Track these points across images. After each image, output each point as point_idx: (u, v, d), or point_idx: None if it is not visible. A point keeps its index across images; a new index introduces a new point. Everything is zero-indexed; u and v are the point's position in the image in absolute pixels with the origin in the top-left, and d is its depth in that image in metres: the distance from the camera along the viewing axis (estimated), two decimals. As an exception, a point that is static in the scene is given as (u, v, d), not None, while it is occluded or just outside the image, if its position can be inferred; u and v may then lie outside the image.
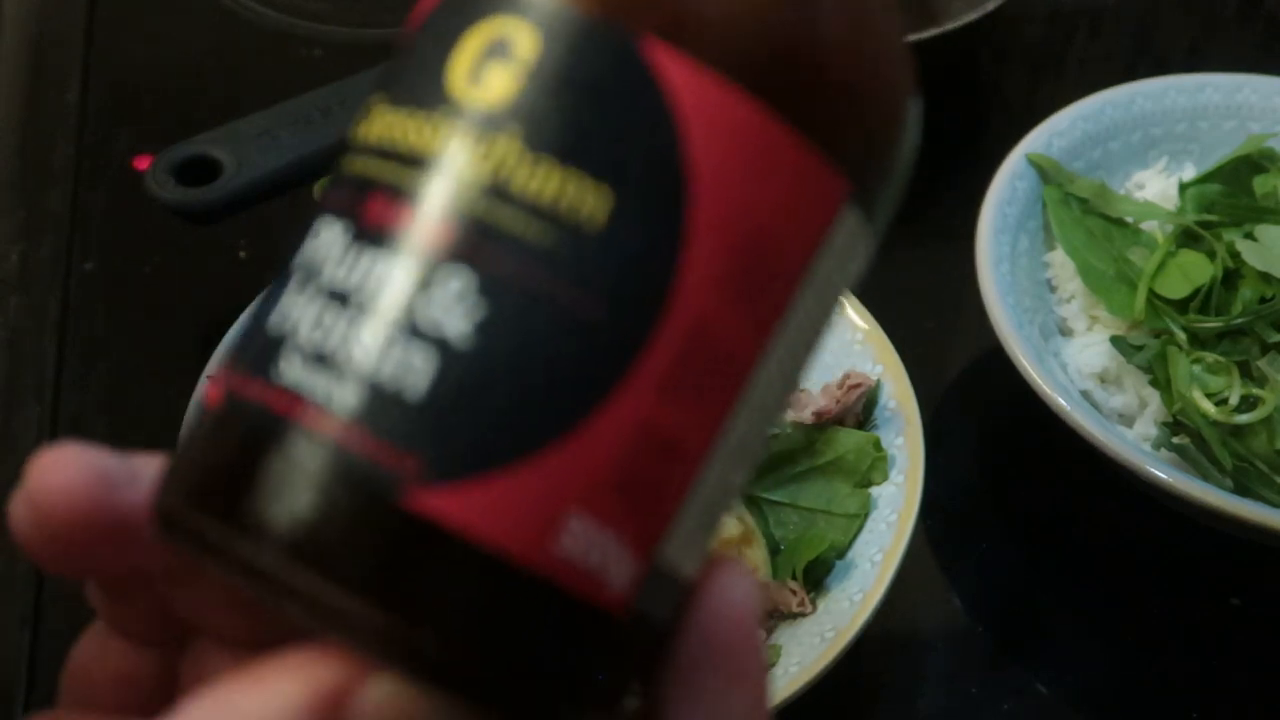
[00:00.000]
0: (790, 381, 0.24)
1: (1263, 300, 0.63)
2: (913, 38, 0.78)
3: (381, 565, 0.20)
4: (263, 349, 0.22)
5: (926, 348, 0.71)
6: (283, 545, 0.20)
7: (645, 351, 0.21)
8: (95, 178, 0.83)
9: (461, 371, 0.21)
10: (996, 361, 0.63)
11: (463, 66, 0.22)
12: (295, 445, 0.21)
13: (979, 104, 0.93)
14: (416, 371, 0.21)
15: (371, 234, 0.22)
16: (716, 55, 0.21)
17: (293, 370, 0.21)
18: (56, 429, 0.69)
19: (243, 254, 0.78)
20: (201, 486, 0.22)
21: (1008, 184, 0.69)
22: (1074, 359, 0.67)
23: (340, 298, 0.21)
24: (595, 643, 0.22)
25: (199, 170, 0.70)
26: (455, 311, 0.21)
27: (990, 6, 0.82)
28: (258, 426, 0.21)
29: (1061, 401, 0.59)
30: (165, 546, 0.23)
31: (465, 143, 0.21)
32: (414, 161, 0.22)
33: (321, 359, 0.21)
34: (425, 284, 0.21)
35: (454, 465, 0.20)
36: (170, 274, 0.78)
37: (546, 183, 0.21)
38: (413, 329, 0.21)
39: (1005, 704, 0.60)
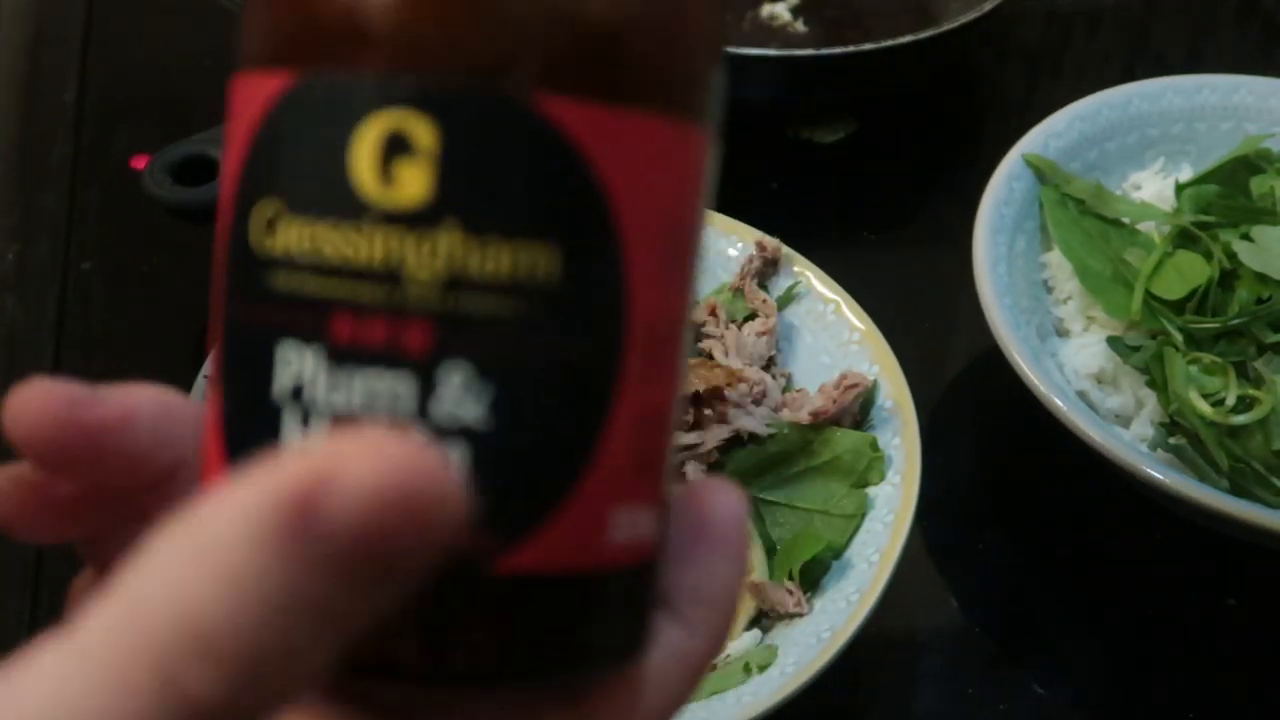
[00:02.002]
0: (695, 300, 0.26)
1: (1259, 301, 0.63)
2: (910, 38, 0.78)
3: (500, 631, 0.23)
4: None
5: (923, 348, 0.71)
6: (409, 667, 0.22)
7: (624, 359, 0.23)
8: (92, 177, 0.83)
9: (494, 447, 0.22)
10: (993, 362, 0.63)
11: (367, 168, 0.22)
12: None
13: (976, 104, 0.93)
14: (455, 465, 0.22)
15: (352, 354, 0.22)
16: (590, 87, 0.23)
17: None
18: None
19: (240, 253, 0.78)
20: None
21: (1005, 185, 0.69)
22: (1071, 359, 0.67)
23: (352, 421, 0.22)
24: (653, 583, 0.26)
25: (196, 169, 0.70)
26: (466, 402, 0.22)
27: (987, 7, 0.82)
28: None
29: (1058, 402, 0.60)
30: None
31: (409, 245, 0.22)
32: (362, 274, 0.22)
33: None
34: (429, 387, 0.22)
35: (520, 525, 0.23)
36: (167, 273, 0.78)
37: (500, 261, 0.22)
38: (436, 430, 0.22)
39: (1002, 704, 0.60)
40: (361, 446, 0.19)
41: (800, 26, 0.92)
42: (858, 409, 0.61)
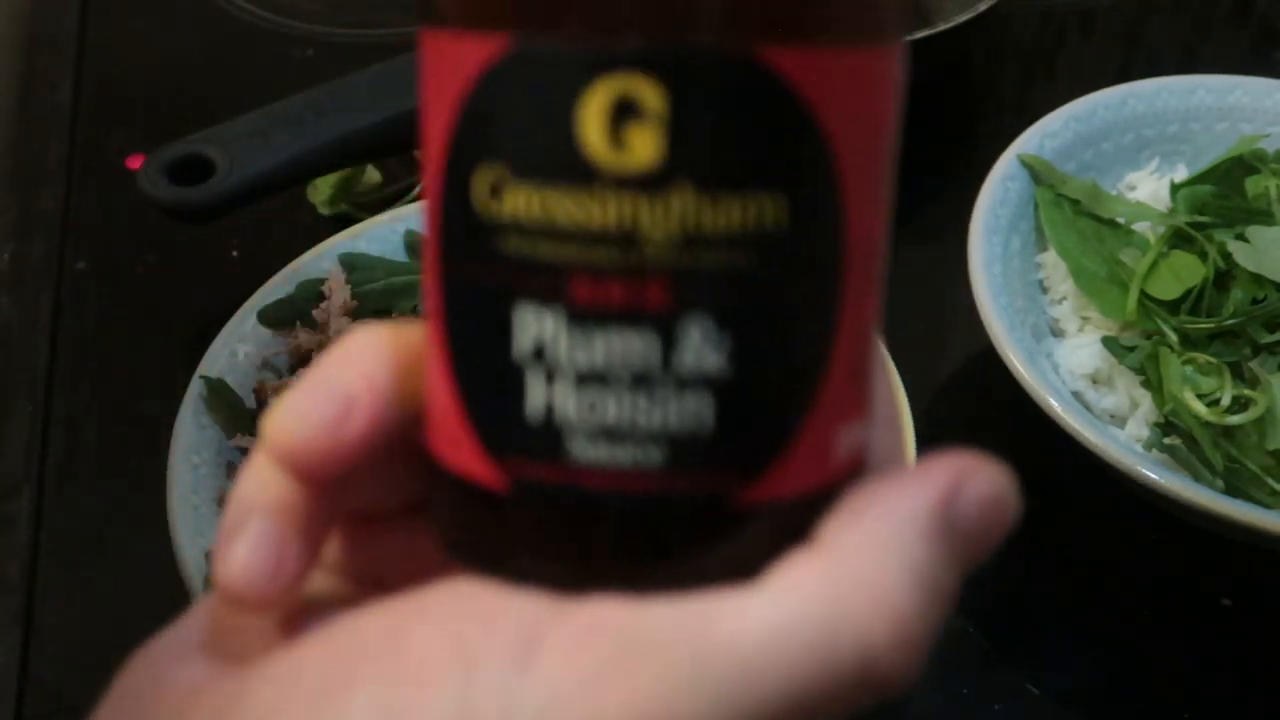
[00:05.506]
0: None
1: (1254, 301, 0.63)
2: (906, 38, 0.78)
3: (745, 558, 0.24)
4: (540, 437, 0.24)
5: (918, 348, 0.71)
6: (655, 580, 0.23)
7: (845, 285, 0.24)
8: (87, 177, 0.83)
9: (733, 391, 0.23)
10: (989, 362, 0.63)
11: (595, 134, 0.22)
12: (629, 508, 0.24)
13: (971, 104, 0.93)
14: (700, 412, 0.23)
15: (593, 314, 0.23)
16: (807, 33, 0.23)
17: (585, 450, 0.23)
18: (49, 427, 0.69)
19: (235, 253, 0.78)
20: (542, 559, 0.24)
21: (1000, 185, 0.69)
22: (1066, 360, 0.67)
23: (598, 378, 0.23)
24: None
25: (192, 169, 0.70)
26: (706, 353, 0.23)
27: (982, 7, 0.82)
28: (579, 501, 0.24)
29: (1053, 402, 0.60)
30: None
31: (643, 207, 0.22)
32: (598, 238, 0.22)
33: (611, 433, 0.23)
34: (671, 342, 0.23)
35: (760, 457, 0.24)
36: (163, 273, 0.78)
37: (732, 215, 0.22)
38: (680, 382, 0.23)
39: (997, 704, 0.60)
40: (977, 465, 0.25)
41: (796, 27, 0.92)
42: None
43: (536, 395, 0.23)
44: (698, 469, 0.23)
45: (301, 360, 0.64)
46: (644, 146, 0.22)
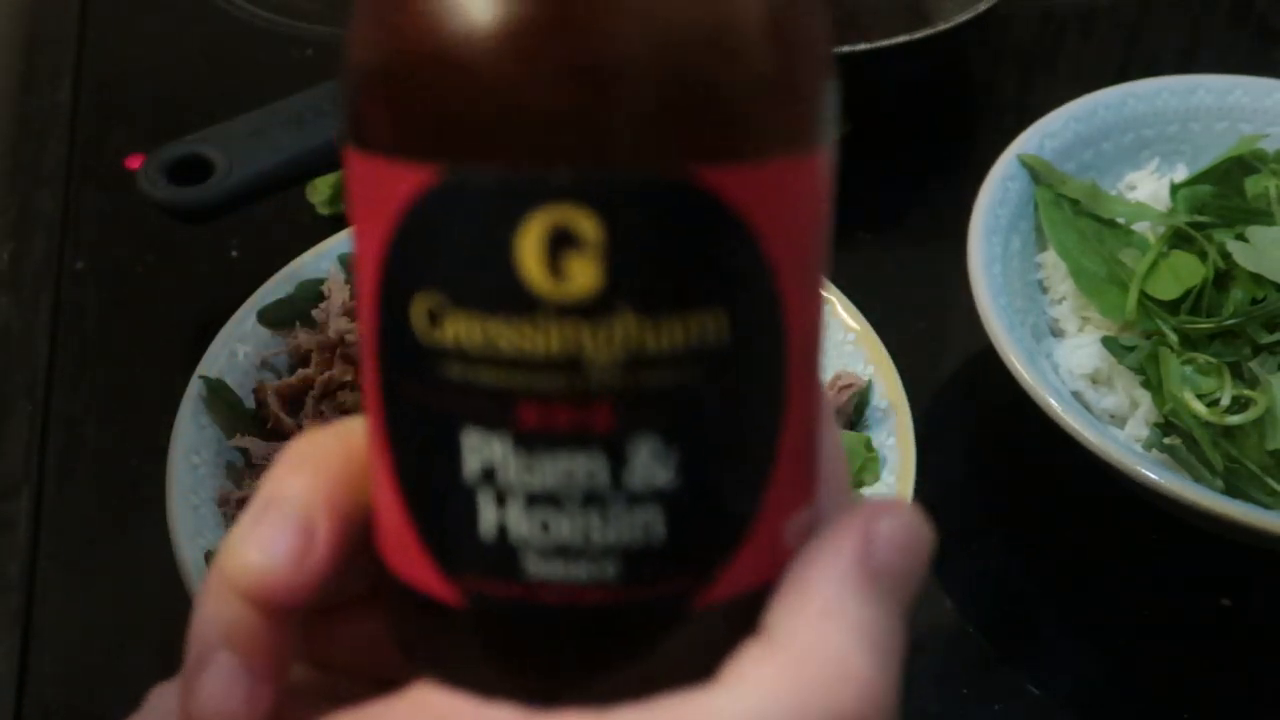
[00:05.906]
0: None
1: (1254, 301, 0.63)
2: (905, 39, 0.78)
3: (705, 654, 0.24)
4: (494, 555, 0.24)
5: (918, 348, 0.71)
6: (618, 688, 0.24)
7: (788, 387, 0.24)
8: (87, 177, 0.83)
9: (685, 504, 0.23)
10: (988, 362, 0.63)
11: (534, 264, 0.22)
12: (588, 621, 0.24)
13: (971, 105, 0.93)
14: (652, 525, 0.23)
15: (541, 438, 0.23)
16: (738, 150, 0.23)
17: (541, 567, 0.23)
18: (48, 428, 0.69)
19: (234, 253, 0.77)
20: (505, 672, 0.24)
21: (999, 185, 0.69)
22: (1065, 360, 0.67)
23: (550, 499, 0.23)
24: None
25: (191, 169, 0.70)
26: (655, 470, 0.23)
27: (982, 7, 0.82)
28: (536, 617, 0.24)
29: (1053, 402, 0.60)
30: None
31: (585, 334, 0.22)
32: (542, 365, 0.22)
33: (565, 551, 0.23)
34: (620, 462, 0.23)
35: (714, 561, 0.24)
36: (162, 273, 0.78)
37: (675, 334, 0.23)
38: (631, 499, 0.23)
39: (996, 705, 0.60)
40: (880, 509, 0.25)
41: (795, 27, 0.92)
42: (852, 409, 0.61)
43: (488, 516, 0.23)
44: (653, 579, 0.24)
45: (301, 360, 0.64)
46: (583, 275, 0.22)
